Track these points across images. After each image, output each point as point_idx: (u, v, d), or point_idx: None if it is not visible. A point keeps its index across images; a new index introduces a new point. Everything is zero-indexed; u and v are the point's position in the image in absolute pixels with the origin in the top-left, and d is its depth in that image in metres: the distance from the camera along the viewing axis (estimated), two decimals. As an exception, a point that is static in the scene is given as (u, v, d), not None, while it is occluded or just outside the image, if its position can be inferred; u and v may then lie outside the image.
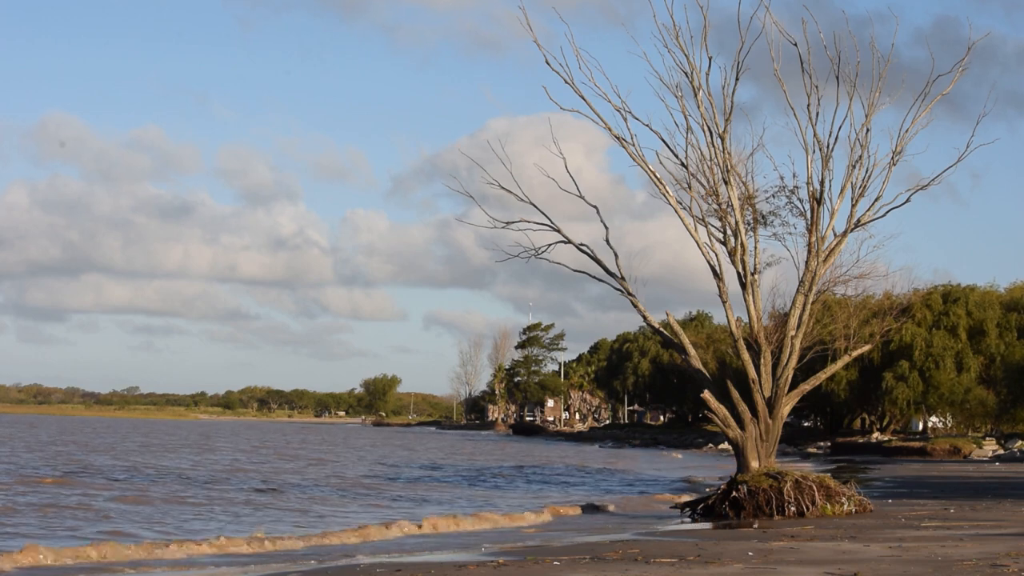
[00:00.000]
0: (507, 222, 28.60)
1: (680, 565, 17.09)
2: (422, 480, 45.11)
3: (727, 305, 28.70)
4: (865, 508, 27.91)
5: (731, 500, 27.50)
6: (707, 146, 28.24)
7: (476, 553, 20.26)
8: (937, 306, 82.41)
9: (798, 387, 29.21)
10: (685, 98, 27.99)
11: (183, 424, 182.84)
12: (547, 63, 27.37)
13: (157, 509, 29.31)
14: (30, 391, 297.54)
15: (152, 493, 33.72)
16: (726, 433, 28.34)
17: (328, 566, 18.57)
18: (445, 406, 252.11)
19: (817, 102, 28.08)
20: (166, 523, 26.19)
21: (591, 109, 27.66)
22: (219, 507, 30.34)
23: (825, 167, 28.36)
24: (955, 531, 22.47)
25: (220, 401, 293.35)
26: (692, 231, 28.38)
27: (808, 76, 27.97)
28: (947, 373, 79.35)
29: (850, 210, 28.59)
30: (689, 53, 27.74)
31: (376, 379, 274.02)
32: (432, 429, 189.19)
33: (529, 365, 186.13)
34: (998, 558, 17.05)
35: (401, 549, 21.71)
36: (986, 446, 71.85)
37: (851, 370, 76.76)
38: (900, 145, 28.41)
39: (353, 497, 35.46)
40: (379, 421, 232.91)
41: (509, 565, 17.61)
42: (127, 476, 41.43)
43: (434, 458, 67.49)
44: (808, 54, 27.88)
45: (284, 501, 33.24)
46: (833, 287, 29.83)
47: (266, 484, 39.44)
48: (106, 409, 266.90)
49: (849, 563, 16.89)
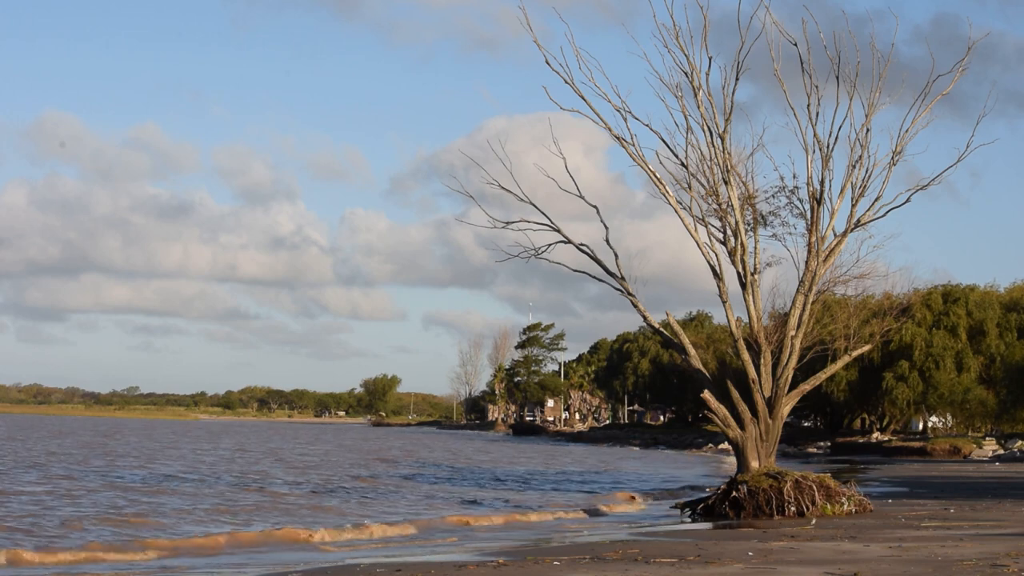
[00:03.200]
0: (507, 222, 28.61)
1: (680, 565, 17.09)
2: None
3: (727, 305, 28.71)
4: (865, 508, 27.91)
5: (731, 500, 27.51)
6: (707, 146, 28.25)
7: (477, 553, 20.26)
8: (937, 306, 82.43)
9: (798, 387, 29.21)
10: (685, 98, 28.02)
11: (209, 424, 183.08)
12: (547, 63, 27.41)
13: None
14: (30, 391, 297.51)
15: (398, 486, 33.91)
16: (726, 433, 28.34)
17: (328, 566, 18.57)
18: (445, 406, 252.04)
19: (817, 102, 28.10)
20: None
21: (591, 109, 27.71)
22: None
23: (825, 167, 28.38)
24: (955, 531, 22.47)
25: (220, 401, 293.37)
26: (692, 231, 28.38)
27: (808, 76, 28.00)
28: (947, 373, 79.35)
29: (850, 210, 28.62)
30: (689, 53, 27.78)
31: (376, 379, 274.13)
32: (432, 429, 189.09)
33: (529, 365, 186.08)
34: (998, 558, 17.04)
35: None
36: (986, 446, 71.88)
37: (851, 370, 76.76)
38: (900, 145, 28.42)
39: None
40: (379, 421, 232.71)
41: (509, 565, 17.61)
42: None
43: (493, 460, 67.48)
44: (808, 54, 27.91)
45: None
46: (833, 287, 29.83)
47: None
48: (106, 409, 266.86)
49: (849, 563, 16.88)
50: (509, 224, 28.58)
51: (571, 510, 32.04)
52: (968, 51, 28.54)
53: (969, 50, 28.53)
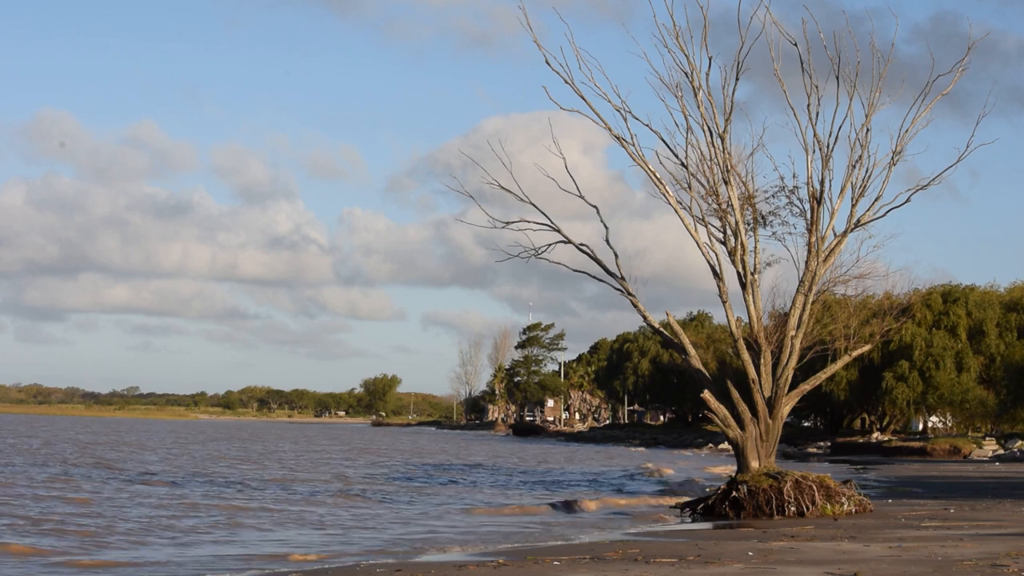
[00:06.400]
0: (507, 222, 28.60)
1: (680, 565, 17.08)
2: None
3: (727, 305, 28.70)
4: (865, 508, 27.91)
5: (731, 500, 27.51)
6: (707, 146, 28.24)
7: (477, 553, 20.25)
8: (937, 306, 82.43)
9: (798, 387, 29.21)
10: (685, 98, 28.02)
11: (222, 424, 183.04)
12: (547, 63, 27.39)
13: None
14: (30, 391, 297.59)
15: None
16: (726, 433, 28.33)
17: (328, 566, 18.56)
18: (445, 406, 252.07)
19: (817, 102, 28.09)
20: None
21: (591, 109, 27.70)
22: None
23: (825, 167, 28.38)
24: (955, 531, 22.46)
25: (220, 401, 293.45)
26: (692, 231, 28.37)
27: (808, 76, 27.99)
28: (947, 373, 79.35)
29: (850, 210, 28.62)
30: (689, 53, 27.77)
31: (376, 379, 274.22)
32: (432, 429, 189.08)
33: (529, 365, 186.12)
34: (998, 558, 17.04)
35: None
36: (986, 446, 71.85)
37: (851, 370, 76.79)
38: (900, 145, 28.41)
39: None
40: (379, 421, 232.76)
41: (509, 565, 17.60)
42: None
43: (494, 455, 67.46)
44: (808, 53, 27.90)
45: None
46: (833, 287, 29.82)
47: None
48: (106, 409, 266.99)
49: (849, 563, 16.88)
50: (509, 224, 28.57)
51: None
52: (968, 51, 28.56)
53: (969, 50, 28.55)
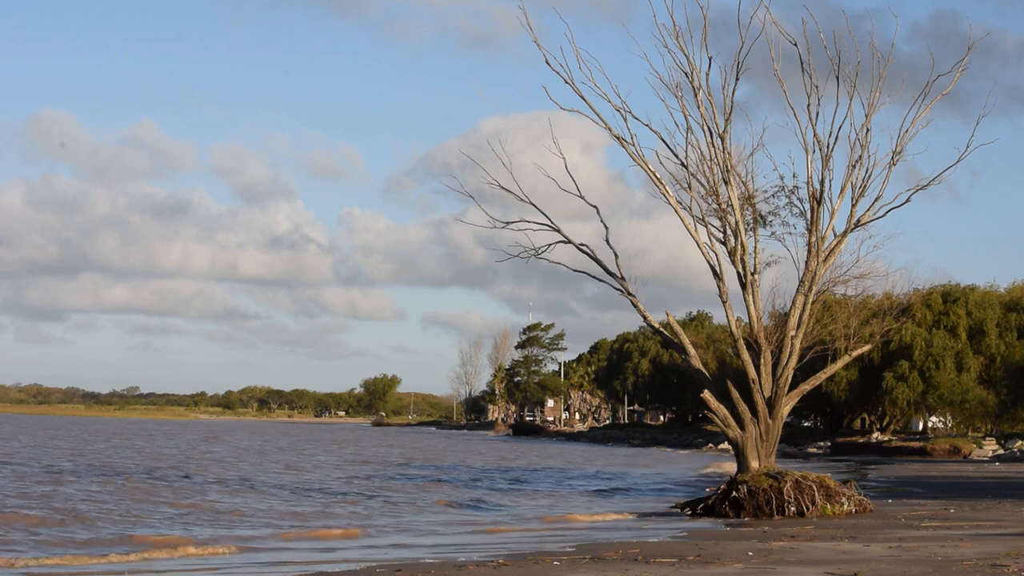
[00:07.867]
0: (507, 222, 28.60)
1: (680, 565, 17.08)
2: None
3: (727, 305, 28.70)
4: (865, 508, 27.91)
5: (731, 500, 27.51)
6: (707, 146, 28.25)
7: (478, 553, 20.25)
8: (937, 306, 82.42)
9: (798, 387, 29.21)
10: (685, 98, 28.02)
11: (230, 424, 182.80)
12: (547, 63, 27.39)
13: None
14: (30, 391, 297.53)
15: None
16: (726, 433, 28.34)
17: (328, 568, 18.56)
18: (445, 406, 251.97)
19: (817, 102, 28.09)
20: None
21: (591, 109, 27.71)
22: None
23: (825, 167, 28.39)
24: (955, 531, 22.46)
25: (220, 401, 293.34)
26: (692, 231, 28.38)
27: (808, 76, 27.99)
28: (947, 373, 79.35)
29: (850, 210, 28.63)
30: (689, 53, 27.78)
31: (376, 379, 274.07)
32: (432, 429, 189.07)
33: (529, 365, 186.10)
34: (998, 558, 17.04)
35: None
36: (986, 446, 71.86)
37: (851, 370, 76.77)
38: (900, 145, 28.42)
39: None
40: (379, 421, 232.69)
41: (510, 565, 17.60)
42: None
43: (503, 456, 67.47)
44: (808, 53, 27.90)
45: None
46: (833, 287, 29.83)
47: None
48: (106, 409, 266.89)
49: (849, 563, 16.88)
50: (509, 224, 28.58)
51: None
52: (968, 50, 28.56)
53: (969, 49, 28.54)
